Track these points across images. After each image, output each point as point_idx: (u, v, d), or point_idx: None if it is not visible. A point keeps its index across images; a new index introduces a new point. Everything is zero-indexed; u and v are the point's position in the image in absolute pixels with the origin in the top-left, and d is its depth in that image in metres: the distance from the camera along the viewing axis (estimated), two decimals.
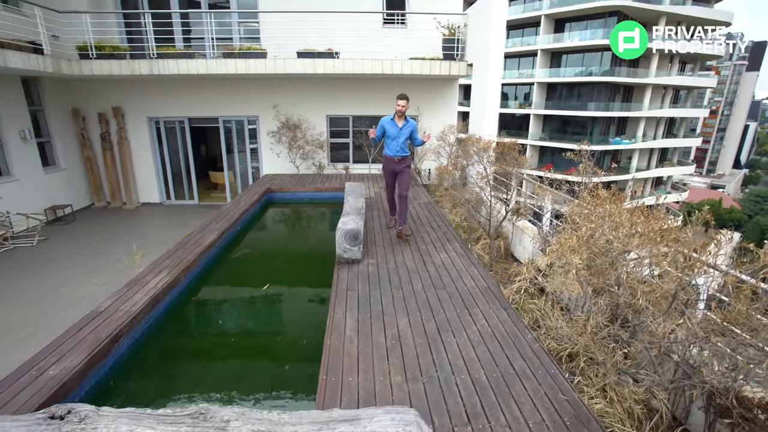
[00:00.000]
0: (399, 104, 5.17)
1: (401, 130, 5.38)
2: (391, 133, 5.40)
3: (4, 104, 7.28)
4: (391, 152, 5.47)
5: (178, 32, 8.92)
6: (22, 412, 2.47)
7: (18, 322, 4.80)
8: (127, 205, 9.61)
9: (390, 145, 5.45)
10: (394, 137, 5.40)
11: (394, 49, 9.03)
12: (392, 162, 5.53)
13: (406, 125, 5.39)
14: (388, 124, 5.39)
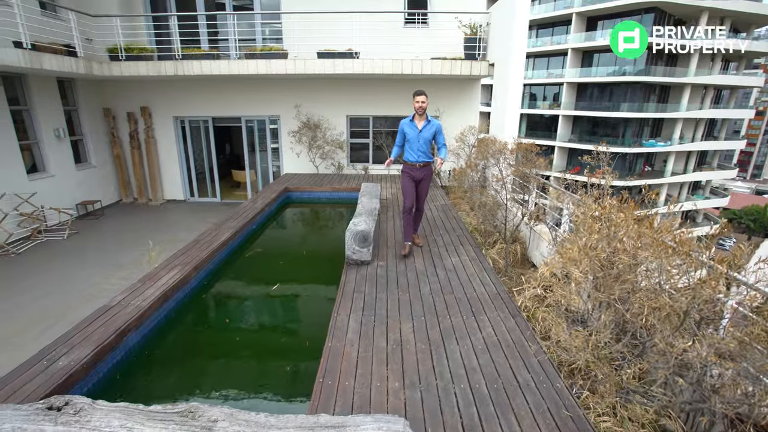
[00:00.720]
0: (417, 101, 4.61)
1: (421, 133, 4.75)
2: (410, 136, 4.80)
3: (42, 104, 7.68)
4: (411, 157, 4.83)
5: (204, 34, 9.16)
6: (31, 400, 2.57)
7: (45, 311, 5.02)
8: (152, 201, 9.96)
9: (410, 149, 4.83)
10: (414, 140, 4.79)
11: (415, 48, 8.97)
12: (413, 169, 4.87)
13: (427, 126, 4.76)
14: (407, 125, 4.82)
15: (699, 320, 1.93)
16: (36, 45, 6.56)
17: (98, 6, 8.41)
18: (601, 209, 1.96)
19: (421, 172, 4.91)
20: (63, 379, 2.77)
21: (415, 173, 4.91)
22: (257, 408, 3.07)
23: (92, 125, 9.06)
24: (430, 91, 9.81)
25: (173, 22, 8.17)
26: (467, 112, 10.19)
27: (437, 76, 9.16)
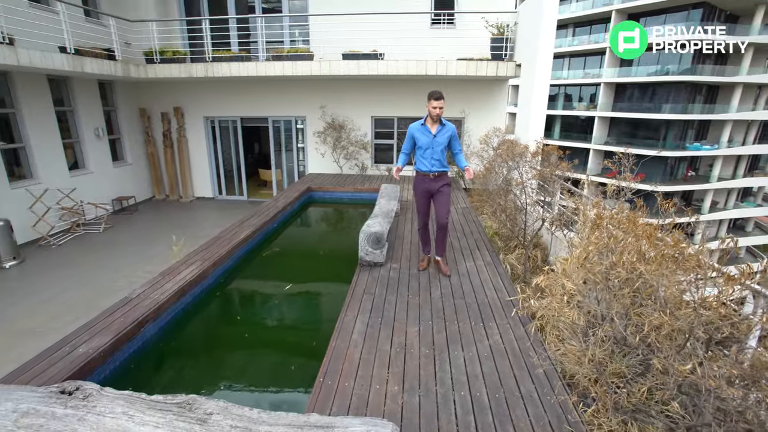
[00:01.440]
0: (433, 106, 4.01)
1: (435, 138, 4.16)
2: (422, 142, 4.20)
3: (84, 105, 8.18)
4: (424, 167, 4.26)
5: (234, 36, 9.46)
6: (50, 383, 2.75)
7: (80, 300, 5.34)
8: (183, 198, 10.38)
9: (423, 157, 4.25)
10: (426, 147, 4.19)
11: (441, 49, 8.90)
12: (425, 179, 4.29)
13: (442, 131, 4.18)
14: (418, 131, 4.21)
15: (708, 340, 1.82)
16: (79, 50, 6.99)
17: (136, 11, 8.86)
18: (598, 218, 1.87)
19: (436, 182, 4.29)
20: (82, 365, 2.94)
21: (430, 184, 4.31)
22: (259, 403, 3.15)
23: (129, 125, 9.56)
24: (456, 93, 9.84)
25: (205, 25, 8.48)
26: (494, 114, 10.00)
27: (462, 77, 9.05)
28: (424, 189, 4.36)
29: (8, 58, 5.77)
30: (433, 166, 4.26)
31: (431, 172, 4.28)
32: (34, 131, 7.11)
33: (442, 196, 4.33)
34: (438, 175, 4.30)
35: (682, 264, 1.75)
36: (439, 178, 4.32)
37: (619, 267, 1.79)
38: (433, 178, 4.30)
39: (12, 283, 5.78)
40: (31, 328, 4.72)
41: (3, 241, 6.12)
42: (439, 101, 4.02)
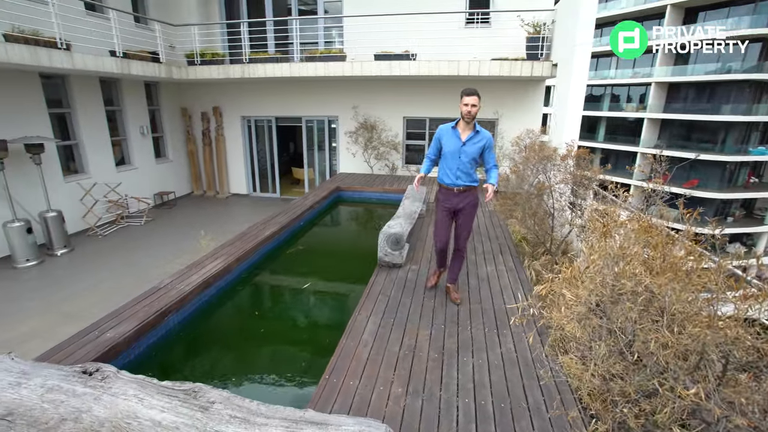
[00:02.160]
0: (465, 102, 3.38)
1: (464, 146, 3.50)
2: (449, 148, 3.54)
3: (131, 105, 8.74)
4: (447, 179, 3.61)
5: (271, 38, 9.76)
6: (78, 363, 2.96)
7: (119, 288, 5.68)
8: (219, 194, 10.84)
9: (447, 167, 3.60)
10: (453, 155, 3.53)
11: (475, 49, 8.75)
12: (449, 194, 3.66)
13: (473, 138, 3.51)
14: (447, 134, 3.59)
15: (725, 363, 1.69)
16: (126, 53, 7.48)
17: (179, 16, 9.36)
18: (603, 225, 1.77)
19: (460, 199, 3.65)
20: (107, 348, 3.14)
21: (452, 201, 3.67)
22: (267, 396, 3.24)
23: (171, 123, 10.11)
24: (489, 93, 9.63)
25: (243, 28, 8.81)
26: (529, 116, 9.72)
27: (496, 78, 8.86)
28: (447, 205, 3.72)
29: (65, 62, 6.26)
30: (458, 178, 3.58)
31: (455, 186, 3.60)
32: (86, 129, 7.68)
33: (466, 216, 3.73)
34: (464, 190, 3.62)
35: (695, 278, 1.64)
36: (465, 195, 3.65)
37: (624, 278, 1.69)
38: (458, 193, 3.63)
39: (62, 270, 6.27)
40: (75, 312, 5.10)
41: (56, 231, 6.65)
42: (471, 97, 3.38)
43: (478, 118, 9.08)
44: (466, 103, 3.42)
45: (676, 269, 1.66)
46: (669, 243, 1.86)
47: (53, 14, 6.21)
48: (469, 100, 3.41)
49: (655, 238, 1.75)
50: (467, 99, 3.41)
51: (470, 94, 3.43)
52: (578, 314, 1.77)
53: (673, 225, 2.58)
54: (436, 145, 3.71)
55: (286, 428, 2.11)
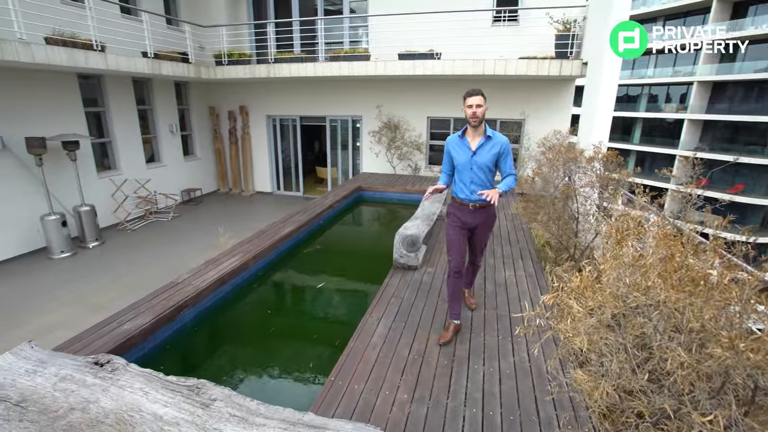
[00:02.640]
0: (468, 104, 3.03)
1: (475, 156, 3.11)
2: (459, 161, 3.18)
3: (161, 104, 9.05)
4: (461, 193, 3.23)
5: (297, 38, 9.87)
6: (95, 354, 3.05)
7: (143, 281, 5.88)
8: (244, 192, 11.06)
9: (461, 180, 3.22)
10: (464, 168, 3.17)
11: (502, 48, 8.54)
12: (464, 211, 3.25)
13: (485, 145, 3.10)
14: (455, 145, 3.23)
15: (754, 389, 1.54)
16: (157, 54, 7.73)
17: (209, 17, 9.62)
18: (618, 232, 1.64)
19: (476, 216, 3.25)
20: (123, 340, 3.23)
21: (468, 218, 3.26)
22: (272, 396, 3.24)
23: (199, 122, 10.41)
24: (516, 93, 9.38)
25: (269, 28, 8.95)
26: (557, 116, 9.40)
27: (523, 77, 8.63)
28: (460, 223, 3.30)
29: (100, 63, 6.54)
30: (473, 193, 3.15)
31: (471, 201, 3.18)
32: (119, 127, 8.01)
33: (483, 233, 3.37)
34: (480, 207, 3.20)
35: (718, 293, 1.50)
36: (482, 212, 3.24)
37: (637, 291, 1.57)
38: (474, 210, 3.21)
39: (93, 263, 6.55)
40: (102, 303, 5.30)
41: (89, 225, 6.96)
42: (473, 98, 3.00)
43: (503, 118, 8.82)
44: (469, 104, 3.02)
45: (696, 282, 1.52)
46: (692, 253, 1.72)
47: (90, 17, 6.48)
48: (473, 101, 3.01)
49: (675, 247, 1.62)
50: (471, 100, 3.02)
51: (473, 94, 3.02)
52: (587, 327, 1.66)
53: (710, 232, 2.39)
54: (448, 158, 3.31)
55: (283, 430, 2.09)
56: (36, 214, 6.49)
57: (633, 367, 1.66)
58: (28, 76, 6.38)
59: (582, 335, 1.67)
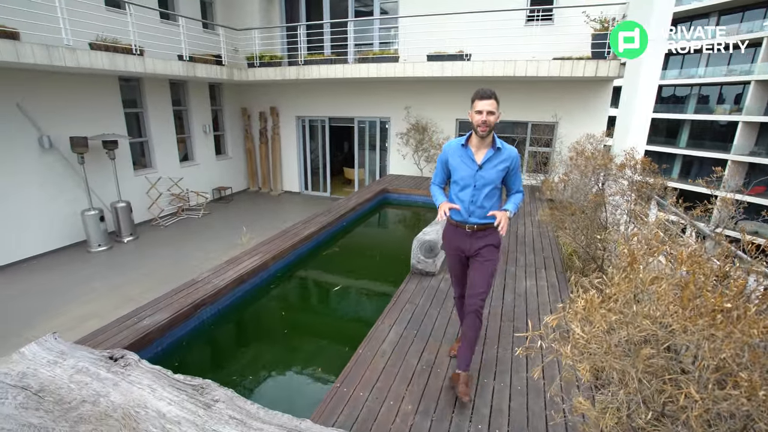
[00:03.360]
0: (476, 108, 2.46)
1: (481, 171, 2.55)
2: (460, 174, 2.60)
3: (195, 105, 9.40)
4: (457, 214, 2.64)
5: (327, 40, 9.97)
6: (113, 347, 3.18)
7: (172, 275, 6.10)
8: (272, 191, 11.30)
9: (459, 198, 2.64)
10: (465, 184, 2.60)
11: (536, 48, 8.28)
12: (459, 234, 2.70)
13: (494, 158, 2.56)
14: (456, 155, 2.63)
15: None
16: (193, 57, 8.03)
17: (243, 20, 9.90)
18: (630, 254, 1.52)
19: (473, 241, 2.66)
20: (141, 336, 3.35)
21: (463, 243, 2.70)
22: (275, 398, 3.27)
23: (231, 122, 10.74)
24: (548, 94, 9.06)
25: (300, 30, 9.09)
26: (593, 119, 9.00)
27: (556, 78, 8.31)
28: (455, 246, 2.76)
29: (138, 66, 6.86)
30: (472, 214, 2.61)
31: (468, 223, 2.64)
32: (156, 127, 8.38)
33: (482, 264, 2.67)
34: (480, 229, 2.63)
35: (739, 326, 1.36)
36: (481, 235, 2.64)
37: (644, 319, 1.45)
38: (471, 233, 2.65)
39: (127, 256, 6.88)
40: (132, 295, 5.55)
41: (124, 220, 7.32)
42: (484, 101, 2.43)
43: (534, 121, 8.56)
44: (479, 109, 2.44)
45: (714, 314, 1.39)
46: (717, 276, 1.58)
47: (130, 23, 6.82)
48: (484, 105, 2.43)
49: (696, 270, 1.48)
50: (481, 104, 2.44)
51: (485, 96, 2.45)
52: (589, 354, 1.55)
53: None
54: (442, 169, 2.73)
55: None
56: (77, 209, 6.90)
57: (640, 401, 1.54)
58: (73, 79, 6.79)
59: (585, 362, 1.56)
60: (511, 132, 9.72)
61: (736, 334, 1.33)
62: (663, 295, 1.47)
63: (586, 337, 1.53)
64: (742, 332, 1.33)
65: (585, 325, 1.58)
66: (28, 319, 4.94)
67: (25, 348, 2.80)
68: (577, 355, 1.58)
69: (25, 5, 5.71)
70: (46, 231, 6.70)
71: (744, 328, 1.34)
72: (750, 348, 1.35)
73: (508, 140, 9.82)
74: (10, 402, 2.33)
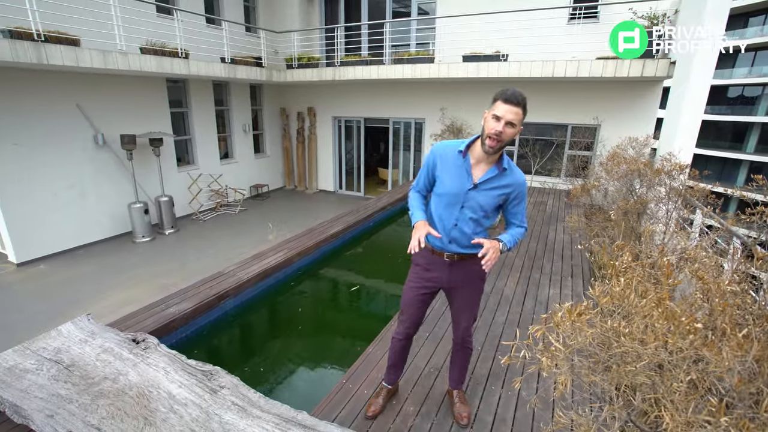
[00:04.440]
0: (497, 113, 1.84)
1: (473, 191, 2.01)
2: (447, 187, 2.06)
3: (237, 105, 9.84)
4: (438, 240, 2.13)
5: (365, 41, 10.10)
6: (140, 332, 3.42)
7: (207, 267, 6.41)
8: (308, 190, 11.59)
9: (439, 216, 2.12)
10: (451, 201, 2.06)
11: (579, 47, 7.93)
12: (435, 263, 2.20)
13: (495, 180, 2.01)
14: (448, 161, 2.06)
15: None
16: (234, 59, 8.41)
17: (283, 23, 10.25)
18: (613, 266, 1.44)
19: (453, 272, 2.19)
20: (166, 322, 3.57)
21: (441, 273, 2.21)
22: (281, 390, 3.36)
23: (270, 122, 11.13)
24: (589, 95, 8.66)
25: (337, 32, 9.27)
26: (640, 122, 8.48)
27: (598, 79, 7.92)
28: (429, 278, 2.25)
29: (183, 69, 7.29)
30: (452, 241, 2.11)
31: (447, 251, 2.14)
32: (199, 126, 8.86)
33: (466, 294, 2.27)
34: (461, 258, 2.15)
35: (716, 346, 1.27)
36: (463, 266, 2.17)
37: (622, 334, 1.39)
38: (451, 263, 2.17)
39: (167, 248, 7.32)
40: (169, 284, 5.91)
41: (167, 213, 7.80)
42: (511, 107, 1.83)
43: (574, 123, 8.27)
44: (499, 115, 1.84)
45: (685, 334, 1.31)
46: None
47: (177, 28, 7.26)
48: (508, 113, 1.83)
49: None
50: (504, 108, 1.84)
51: (512, 101, 1.83)
52: (568, 366, 1.51)
53: None
54: (428, 173, 2.16)
55: (276, 425, 2.16)
56: (125, 201, 7.44)
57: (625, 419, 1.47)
58: (125, 80, 7.32)
59: (565, 374, 1.52)
60: (549, 135, 9.39)
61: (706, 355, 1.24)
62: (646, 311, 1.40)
63: (563, 349, 1.49)
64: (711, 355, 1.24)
65: (568, 337, 1.53)
66: (76, 301, 5.39)
67: (62, 326, 3.07)
68: (556, 367, 1.54)
69: (84, 14, 6.23)
70: (98, 221, 7.27)
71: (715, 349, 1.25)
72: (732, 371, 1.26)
73: (546, 144, 9.50)
74: (45, 373, 2.57)
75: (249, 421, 2.19)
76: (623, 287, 1.36)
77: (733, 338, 1.23)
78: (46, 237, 6.61)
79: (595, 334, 1.33)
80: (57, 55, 5.55)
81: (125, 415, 2.22)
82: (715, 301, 1.29)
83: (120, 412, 2.24)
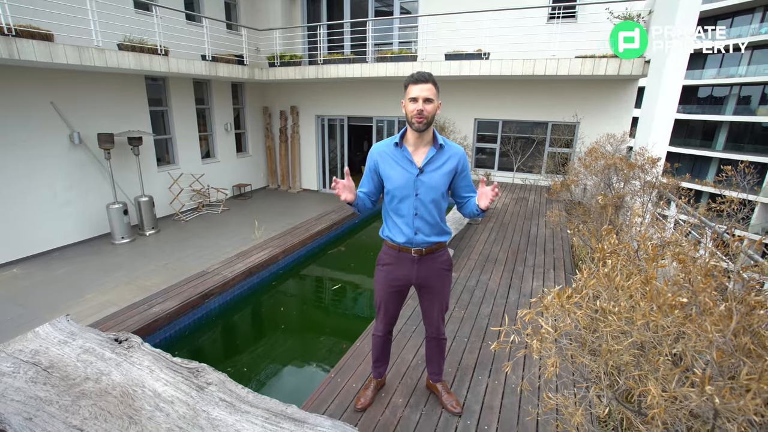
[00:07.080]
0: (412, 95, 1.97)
1: (422, 176, 2.04)
2: (396, 183, 2.07)
3: (218, 104, 9.68)
4: (398, 234, 2.15)
5: (348, 40, 10.09)
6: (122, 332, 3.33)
7: (191, 268, 6.30)
8: (291, 189, 11.50)
9: (395, 212, 2.15)
10: (403, 194, 2.07)
11: (557, 46, 8.12)
12: (403, 261, 2.20)
13: (436, 159, 2.06)
14: (388, 158, 2.10)
15: None
16: (215, 56, 8.28)
17: (266, 21, 10.14)
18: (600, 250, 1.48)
19: (422, 267, 2.19)
20: (149, 322, 3.50)
21: (410, 270, 2.20)
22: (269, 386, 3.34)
23: (252, 121, 10.99)
24: (569, 94, 8.86)
25: (320, 30, 9.23)
26: (615, 120, 8.74)
27: (577, 77, 8.12)
28: (397, 277, 2.24)
29: (162, 66, 7.13)
30: (418, 233, 2.12)
31: (414, 245, 2.15)
32: (179, 125, 8.69)
33: (436, 287, 2.26)
34: (429, 251, 2.16)
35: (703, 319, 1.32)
36: (431, 259, 2.19)
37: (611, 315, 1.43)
38: (419, 258, 2.17)
39: (148, 249, 7.14)
40: (150, 286, 5.77)
41: (147, 214, 7.62)
42: (421, 86, 1.95)
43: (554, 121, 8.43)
44: (413, 96, 1.96)
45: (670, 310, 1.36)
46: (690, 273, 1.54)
47: (156, 24, 7.10)
48: (420, 91, 1.94)
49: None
50: (415, 89, 1.95)
51: (420, 80, 1.96)
52: (557, 349, 1.55)
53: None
54: (372, 176, 2.16)
55: (265, 419, 2.14)
56: (103, 202, 7.24)
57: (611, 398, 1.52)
58: (102, 78, 7.13)
59: (553, 356, 1.56)
60: (530, 132, 9.56)
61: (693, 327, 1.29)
62: (633, 291, 1.45)
63: (552, 332, 1.52)
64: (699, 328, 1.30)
65: (557, 319, 1.57)
66: (53, 304, 5.21)
67: (39, 328, 2.97)
68: (545, 350, 1.58)
69: (59, 8, 6.04)
70: (74, 223, 7.05)
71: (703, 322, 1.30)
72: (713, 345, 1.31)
73: (527, 141, 9.67)
74: (21, 376, 2.48)
75: (238, 417, 2.16)
76: (610, 269, 1.41)
77: (715, 312, 1.28)
78: (19, 239, 6.38)
79: (584, 315, 1.37)
80: (29, 51, 5.37)
81: (109, 414, 2.17)
82: (697, 278, 1.34)
83: (103, 412, 2.18)
